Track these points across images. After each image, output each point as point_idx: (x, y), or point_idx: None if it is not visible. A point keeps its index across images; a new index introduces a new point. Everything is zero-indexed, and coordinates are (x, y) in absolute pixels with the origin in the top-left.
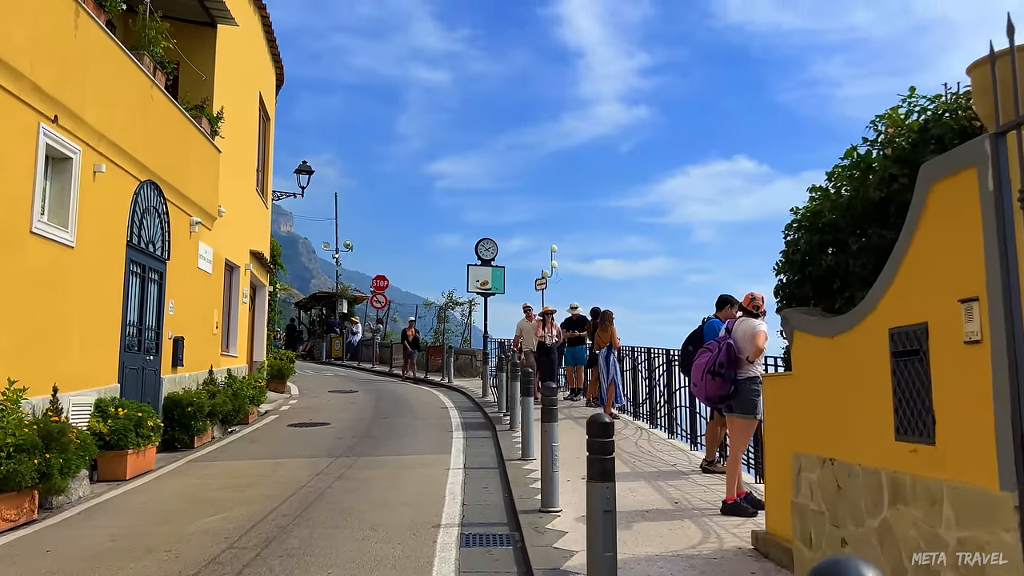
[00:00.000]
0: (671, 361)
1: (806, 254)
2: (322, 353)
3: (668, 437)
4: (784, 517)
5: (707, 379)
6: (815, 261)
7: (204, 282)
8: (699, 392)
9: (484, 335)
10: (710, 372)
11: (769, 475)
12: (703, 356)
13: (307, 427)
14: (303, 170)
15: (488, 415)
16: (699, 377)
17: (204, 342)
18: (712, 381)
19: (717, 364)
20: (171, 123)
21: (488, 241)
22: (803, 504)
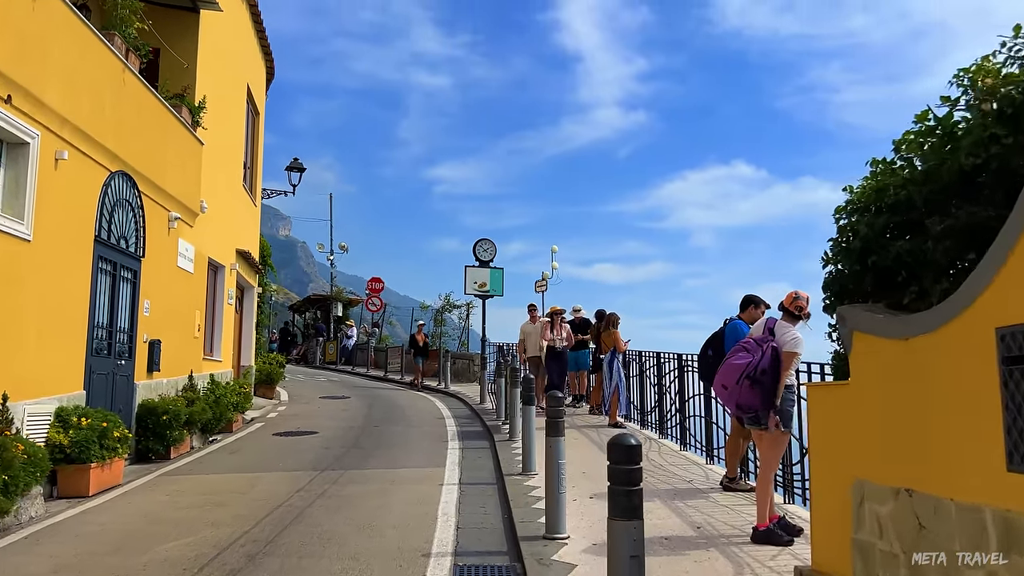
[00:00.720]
0: (683, 367)
1: (867, 240)
2: (315, 357)
3: (680, 449)
4: (838, 555)
5: (744, 385)
6: (880, 248)
7: (184, 282)
8: (728, 398)
9: (482, 339)
10: (749, 378)
11: (817, 503)
12: (739, 357)
13: (293, 436)
14: (294, 167)
15: (486, 423)
16: (733, 381)
17: (184, 346)
18: (750, 388)
19: (759, 370)
20: (146, 111)
21: (486, 242)
22: (867, 542)
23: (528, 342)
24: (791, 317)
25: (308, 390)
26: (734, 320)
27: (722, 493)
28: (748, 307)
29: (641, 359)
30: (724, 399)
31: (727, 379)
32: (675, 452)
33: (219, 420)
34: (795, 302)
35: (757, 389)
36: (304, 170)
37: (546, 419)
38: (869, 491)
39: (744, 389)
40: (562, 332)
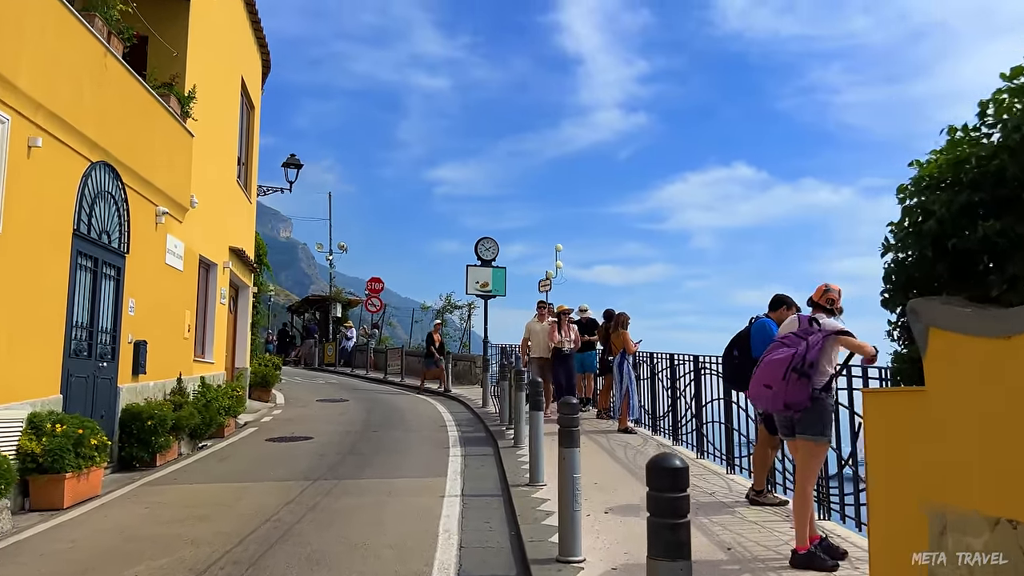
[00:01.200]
0: (700, 369)
1: (944, 221)
2: (314, 359)
3: (697, 457)
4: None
5: (791, 379)
6: (961, 229)
7: (173, 280)
8: (773, 399)
9: (484, 340)
10: (796, 370)
11: (878, 529)
12: (779, 352)
13: (287, 442)
14: (291, 163)
15: (489, 429)
16: (779, 377)
17: (173, 347)
18: (797, 382)
19: (807, 362)
20: (131, 99)
21: (488, 240)
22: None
23: (534, 342)
24: (823, 312)
25: (305, 393)
26: (761, 318)
27: (749, 507)
28: (779, 307)
29: (652, 361)
30: (767, 401)
31: (770, 377)
32: (691, 460)
33: (209, 425)
34: (826, 295)
35: (806, 382)
36: (301, 166)
37: (559, 427)
38: (956, 520)
39: (792, 384)
40: (570, 334)
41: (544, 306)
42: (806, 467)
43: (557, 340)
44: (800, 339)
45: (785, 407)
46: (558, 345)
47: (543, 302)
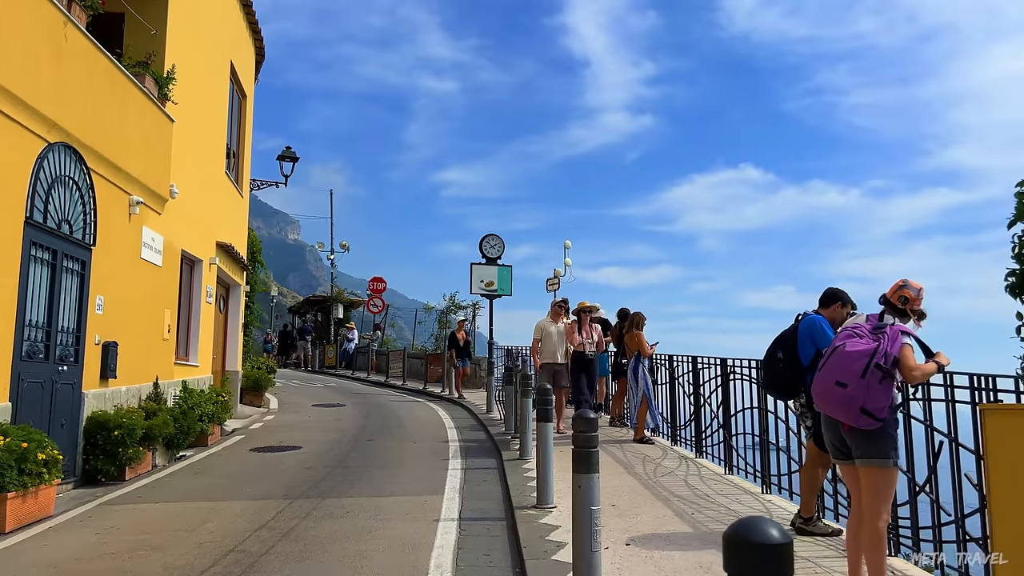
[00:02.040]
0: (729, 373)
1: None
2: (315, 361)
3: (726, 472)
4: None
5: (872, 377)
6: None
7: (150, 276)
8: (848, 403)
9: (489, 342)
10: (880, 367)
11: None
12: (855, 343)
13: (273, 452)
14: (287, 156)
15: (493, 437)
16: (856, 373)
17: (150, 349)
18: (880, 383)
19: (890, 359)
20: (98, 76)
21: (494, 237)
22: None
23: (546, 344)
24: (896, 314)
25: (301, 397)
26: (810, 315)
27: (796, 538)
28: (833, 304)
29: (672, 364)
30: (837, 404)
31: (845, 372)
32: (719, 476)
33: (187, 434)
34: (900, 291)
35: (889, 385)
36: (297, 159)
37: (574, 447)
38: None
39: (874, 384)
40: (592, 334)
41: (561, 307)
42: (876, 498)
43: (577, 342)
44: (876, 335)
45: (862, 412)
46: (578, 348)
47: (561, 301)
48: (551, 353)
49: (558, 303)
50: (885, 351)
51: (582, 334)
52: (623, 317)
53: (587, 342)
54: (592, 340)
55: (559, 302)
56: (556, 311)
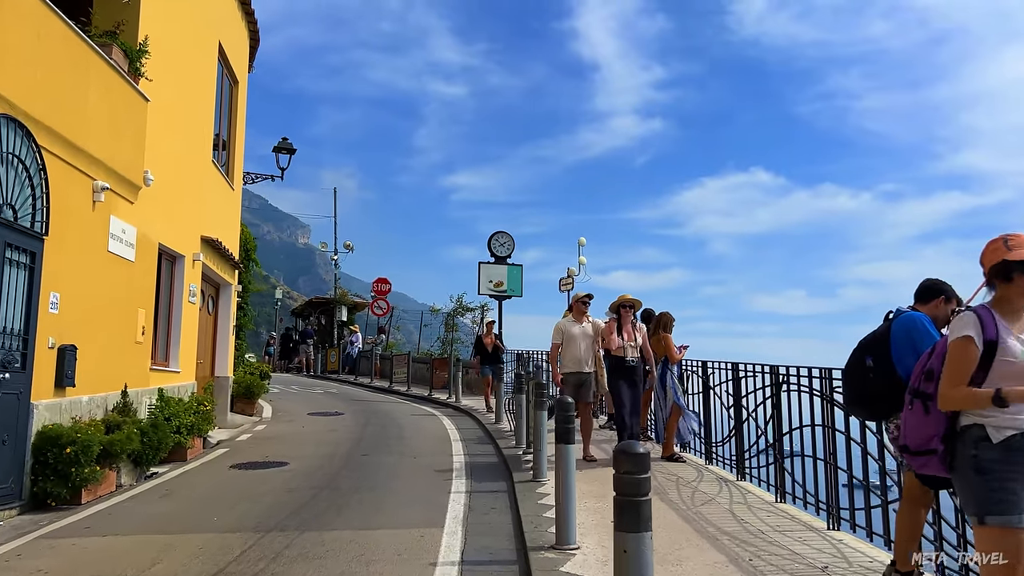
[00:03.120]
0: (782, 383)
1: None
2: (317, 366)
3: (777, 500)
4: None
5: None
6: None
7: (121, 272)
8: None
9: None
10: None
11: None
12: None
13: (256, 469)
14: (283, 147)
15: (502, 451)
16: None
17: (118, 353)
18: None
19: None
20: (51, 41)
21: (503, 235)
22: None
23: (569, 349)
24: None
25: (298, 404)
26: (907, 311)
27: None
28: (934, 298)
29: (706, 372)
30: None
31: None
32: (769, 505)
33: (158, 448)
34: (995, 252)
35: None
36: (294, 151)
37: (618, 495)
38: None
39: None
40: (636, 335)
41: (585, 303)
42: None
43: (617, 345)
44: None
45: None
46: (617, 352)
47: (584, 296)
48: (575, 360)
49: (581, 298)
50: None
51: (623, 335)
52: (647, 319)
53: (629, 345)
54: (636, 343)
55: (582, 297)
56: (579, 308)
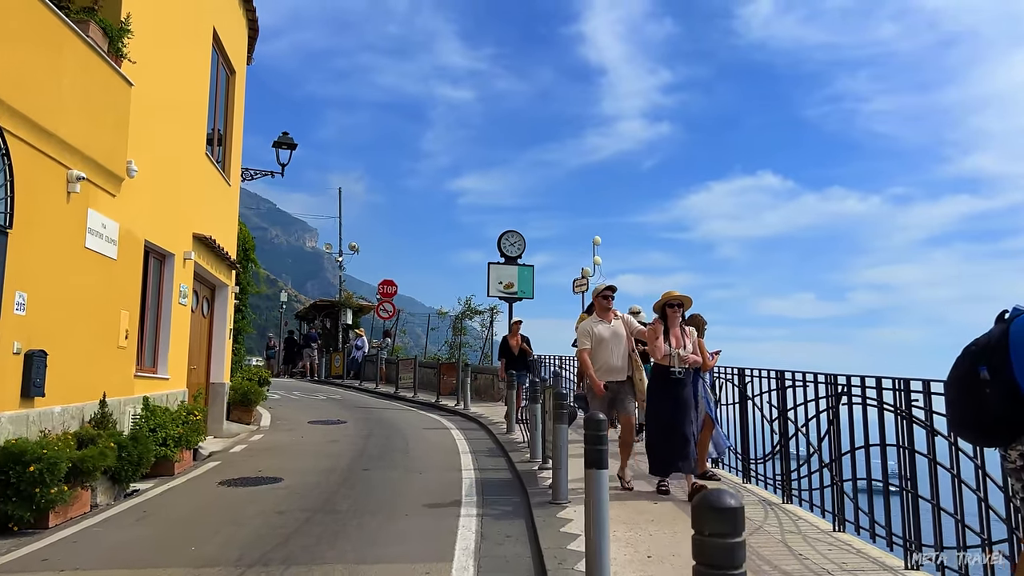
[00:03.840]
0: (842, 394)
1: None
2: (321, 371)
3: (835, 530)
4: None
5: None
6: None
7: (101, 271)
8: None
9: None
10: None
11: None
12: None
13: (246, 486)
14: (283, 142)
15: (515, 466)
16: None
17: (97, 359)
18: None
19: None
20: (14, 11)
21: (513, 234)
22: None
23: (599, 354)
24: None
25: (298, 412)
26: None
27: None
28: None
29: (742, 380)
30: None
31: None
32: (827, 535)
33: (138, 464)
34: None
35: None
36: (295, 146)
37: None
38: None
39: None
40: (686, 340)
41: (607, 296)
42: None
43: (663, 353)
44: None
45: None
46: (663, 362)
47: (606, 289)
48: (607, 368)
49: (602, 291)
50: None
51: (670, 341)
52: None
53: (677, 353)
54: (687, 350)
55: (603, 290)
56: (601, 304)
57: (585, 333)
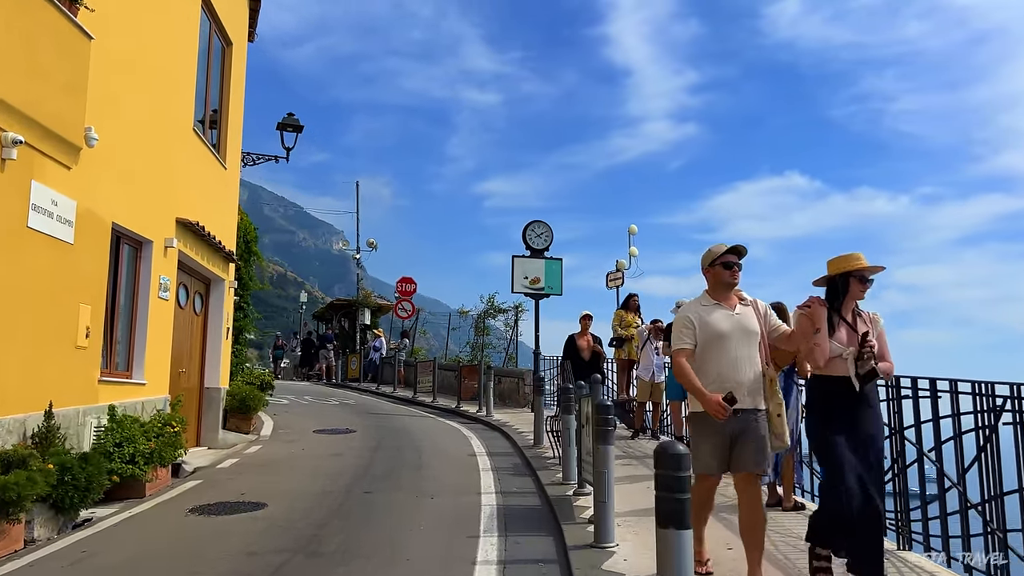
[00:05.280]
0: (1002, 409)
1: None
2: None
3: None
4: None
5: None
6: None
7: (49, 256)
8: None
9: (535, 351)
10: None
11: None
12: None
13: (220, 515)
14: (288, 124)
15: (545, 489)
16: None
17: (46, 361)
18: None
19: None
20: None
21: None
22: None
23: (711, 356)
24: None
25: (305, 419)
26: None
27: None
28: None
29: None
30: None
31: None
32: None
33: (87, 489)
34: None
35: None
36: (302, 128)
37: None
38: None
39: None
40: (867, 328)
41: (734, 266)
42: None
43: (827, 357)
44: None
45: None
46: (830, 370)
47: (731, 252)
48: (721, 378)
49: (724, 256)
50: None
51: (837, 331)
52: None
53: (850, 356)
54: (871, 347)
55: (727, 254)
56: (724, 277)
57: (686, 323)
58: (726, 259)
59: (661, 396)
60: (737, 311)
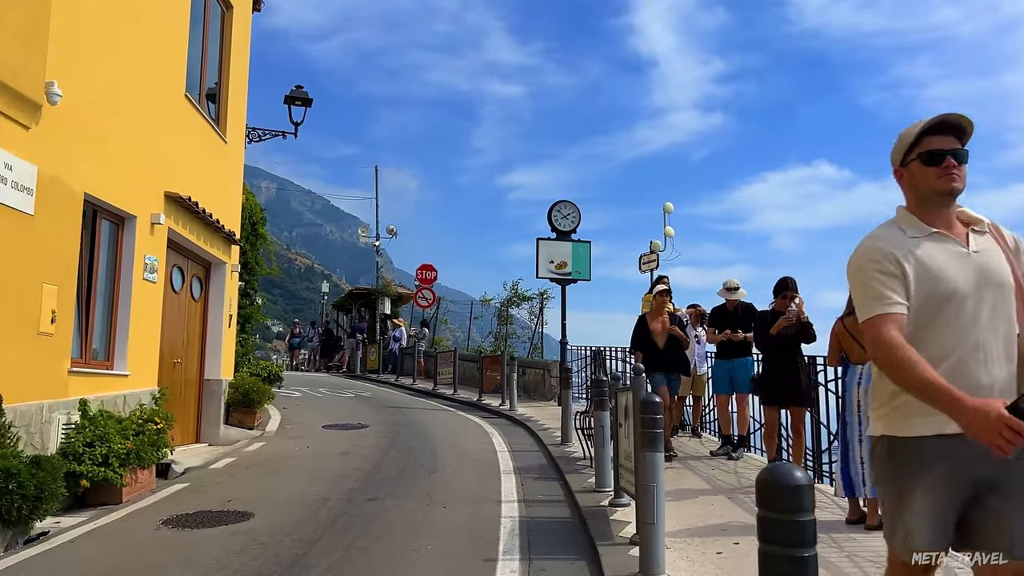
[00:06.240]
0: None
1: None
2: (356, 364)
3: None
4: None
5: None
6: None
7: (3, 226)
8: None
9: (562, 341)
10: None
11: None
12: None
13: (196, 528)
14: (296, 96)
15: (576, 498)
16: None
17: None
18: None
19: None
20: None
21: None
22: None
23: (942, 327)
24: None
25: (316, 413)
26: None
27: None
28: None
29: None
30: None
31: None
32: None
33: (37, 499)
34: None
35: None
36: (311, 102)
37: None
38: None
39: None
40: None
41: (948, 150)
42: None
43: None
44: None
45: None
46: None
47: (943, 123)
48: (962, 370)
49: (927, 142)
50: None
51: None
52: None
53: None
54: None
55: (926, 139)
56: (934, 184)
57: (887, 267)
58: (931, 145)
59: (703, 389)
60: (974, 246)
